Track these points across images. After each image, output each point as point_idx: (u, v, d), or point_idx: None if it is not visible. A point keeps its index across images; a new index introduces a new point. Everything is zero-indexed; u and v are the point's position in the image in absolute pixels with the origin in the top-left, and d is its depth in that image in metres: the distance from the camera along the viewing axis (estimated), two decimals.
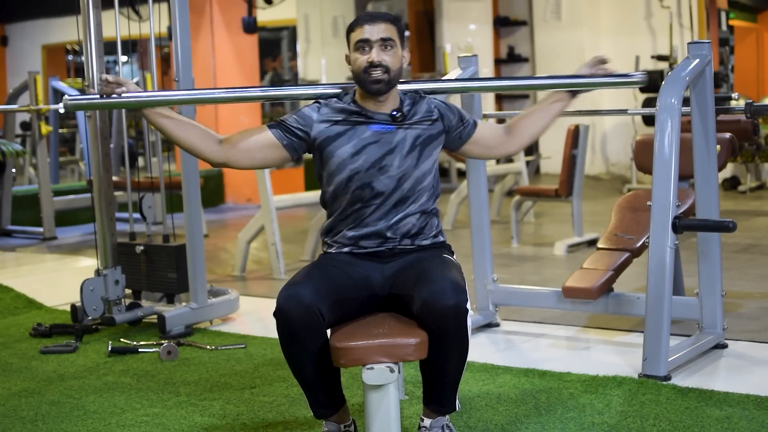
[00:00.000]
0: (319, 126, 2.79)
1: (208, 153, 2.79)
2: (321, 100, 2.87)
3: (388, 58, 2.74)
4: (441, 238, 2.88)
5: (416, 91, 2.94)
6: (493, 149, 3.00)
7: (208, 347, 4.08)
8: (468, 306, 2.54)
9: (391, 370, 2.52)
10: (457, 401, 2.69)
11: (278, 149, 2.81)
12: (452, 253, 2.86)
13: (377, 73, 2.73)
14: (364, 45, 2.74)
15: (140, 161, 9.76)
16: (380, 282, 2.76)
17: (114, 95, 2.80)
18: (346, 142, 2.77)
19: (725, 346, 3.76)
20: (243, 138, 2.80)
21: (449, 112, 2.90)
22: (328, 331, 2.62)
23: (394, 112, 2.79)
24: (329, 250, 2.86)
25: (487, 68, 11.25)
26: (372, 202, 2.77)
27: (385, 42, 2.74)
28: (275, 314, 2.56)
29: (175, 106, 2.99)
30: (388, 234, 2.78)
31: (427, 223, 2.83)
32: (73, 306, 4.50)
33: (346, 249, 2.81)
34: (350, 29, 2.80)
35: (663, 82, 3.50)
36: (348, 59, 2.83)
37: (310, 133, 2.79)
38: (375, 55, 2.72)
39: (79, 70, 14.31)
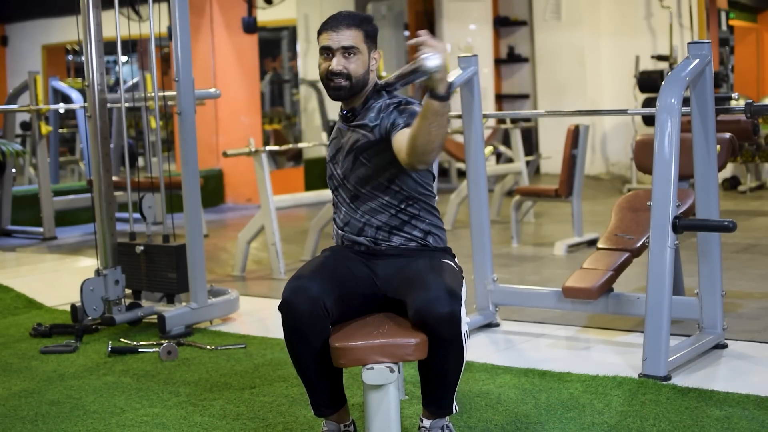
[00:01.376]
0: None
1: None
2: None
3: (351, 66, 2.72)
4: (432, 243, 2.80)
5: (389, 90, 2.77)
6: (398, 155, 2.62)
7: (208, 347, 4.08)
8: (463, 312, 2.53)
9: (391, 370, 2.52)
10: (455, 403, 2.68)
11: None
12: (453, 257, 2.83)
13: (338, 81, 2.73)
14: (326, 52, 2.75)
15: (140, 161, 9.76)
16: (382, 281, 2.75)
17: None
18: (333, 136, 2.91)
19: (725, 346, 3.76)
20: None
21: (390, 115, 2.69)
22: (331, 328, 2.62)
23: (344, 111, 2.82)
24: (335, 240, 2.91)
25: (487, 68, 11.25)
26: (337, 191, 2.85)
27: (347, 50, 2.72)
28: (281, 307, 2.57)
29: (174, 106, 2.98)
30: (361, 222, 2.78)
31: (405, 225, 2.77)
32: (73, 306, 4.50)
33: (343, 238, 2.84)
34: (318, 31, 2.79)
35: (663, 82, 3.50)
36: None
37: None
38: (335, 63, 2.72)
39: (79, 70, 14.31)
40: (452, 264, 2.75)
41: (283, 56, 11.70)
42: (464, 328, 2.54)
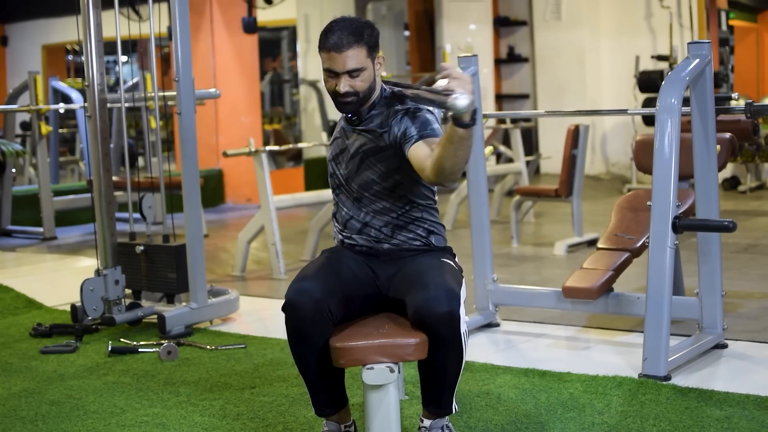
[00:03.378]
0: None
1: None
2: None
3: (357, 84, 2.68)
4: (434, 242, 2.80)
5: (400, 97, 2.75)
6: (421, 173, 2.62)
7: (208, 347, 4.08)
8: (462, 312, 2.53)
9: (391, 370, 2.52)
10: (454, 403, 2.68)
11: None
12: (453, 256, 2.82)
13: (346, 99, 2.69)
14: (331, 73, 2.68)
15: (140, 161, 9.77)
16: (382, 282, 2.76)
17: None
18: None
19: (725, 346, 3.76)
20: None
21: (401, 122, 2.68)
22: None
23: (350, 114, 2.78)
24: (336, 240, 2.88)
25: (487, 68, 11.24)
26: (339, 190, 2.83)
27: (352, 72, 2.67)
28: (284, 308, 2.57)
29: (174, 106, 2.97)
30: (362, 222, 2.78)
31: (408, 225, 2.77)
32: (73, 306, 4.50)
33: (343, 237, 2.83)
34: (320, 46, 2.70)
35: (663, 82, 3.51)
36: None
37: None
38: (342, 85, 2.67)
39: (79, 70, 14.31)
40: (452, 263, 2.75)
41: (283, 56, 11.70)
42: (463, 328, 2.54)
